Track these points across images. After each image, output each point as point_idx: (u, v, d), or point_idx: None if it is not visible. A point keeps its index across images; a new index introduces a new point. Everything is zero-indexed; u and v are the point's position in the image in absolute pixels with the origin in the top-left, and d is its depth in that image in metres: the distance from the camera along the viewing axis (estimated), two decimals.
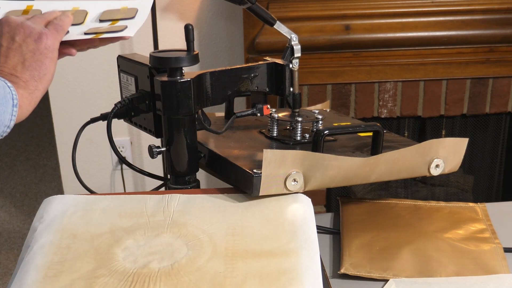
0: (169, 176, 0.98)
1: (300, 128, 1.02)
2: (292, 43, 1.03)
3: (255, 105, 1.03)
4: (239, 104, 1.93)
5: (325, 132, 0.92)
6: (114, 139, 1.00)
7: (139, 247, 0.79)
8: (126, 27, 0.95)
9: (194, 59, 0.93)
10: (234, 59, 2.15)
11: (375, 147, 0.96)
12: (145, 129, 1.03)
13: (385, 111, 1.91)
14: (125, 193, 1.16)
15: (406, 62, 1.86)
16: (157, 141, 1.06)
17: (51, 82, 0.86)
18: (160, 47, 2.03)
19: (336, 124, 1.12)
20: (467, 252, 0.97)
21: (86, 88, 2.15)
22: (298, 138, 1.02)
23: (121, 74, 1.05)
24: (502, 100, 1.92)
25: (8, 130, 0.78)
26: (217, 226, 0.83)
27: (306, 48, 1.24)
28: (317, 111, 1.07)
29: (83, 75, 2.13)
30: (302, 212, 0.85)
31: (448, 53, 1.86)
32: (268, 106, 1.03)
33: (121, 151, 2.22)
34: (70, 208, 0.86)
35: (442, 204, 1.13)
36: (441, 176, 1.88)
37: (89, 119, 1.03)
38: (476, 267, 0.94)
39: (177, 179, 0.96)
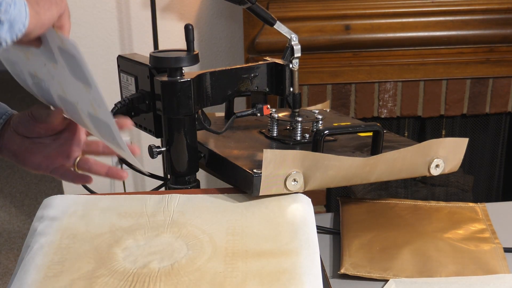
0: (169, 176, 0.98)
1: (300, 128, 1.02)
2: (292, 43, 1.03)
3: (255, 105, 1.03)
4: (239, 104, 1.93)
5: (325, 132, 0.92)
6: None
7: (139, 247, 0.79)
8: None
9: (194, 59, 0.93)
10: (234, 59, 2.15)
11: (375, 147, 0.96)
12: (145, 129, 1.03)
13: (385, 111, 1.91)
14: (125, 193, 1.16)
15: (406, 62, 1.86)
16: (157, 141, 1.06)
17: None
18: (160, 47, 2.03)
19: (336, 124, 1.12)
20: (467, 252, 0.97)
21: None
22: (298, 138, 1.02)
23: (121, 74, 1.05)
24: (502, 100, 1.92)
25: (23, 30, 0.68)
26: (217, 226, 0.83)
27: (306, 48, 1.24)
28: (317, 111, 1.07)
29: None
30: (302, 212, 0.85)
31: (448, 53, 1.86)
32: (268, 106, 1.03)
33: None
34: (70, 208, 0.86)
35: (442, 204, 1.13)
36: (441, 176, 1.88)
37: None
38: (476, 267, 0.94)
39: (177, 179, 0.96)
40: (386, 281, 0.92)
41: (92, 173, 0.93)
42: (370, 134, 0.97)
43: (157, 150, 0.95)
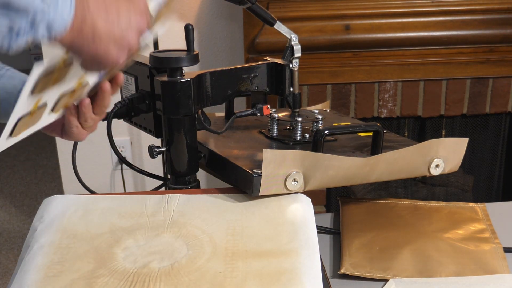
0: (169, 176, 0.98)
1: (300, 128, 1.02)
2: (292, 43, 1.03)
3: (255, 105, 1.03)
4: (239, 104, 1.93)
5: (325, 132, 0.92)
6: (114, 139, 1.00)
7: (139, 247, 0.79)
8: None
9: (194, 59, 0.93)
10: (234, 59, 2.15)
11: (375, 147, 0.96)
12: (145, 129, 1.03)
13: (385, 111, 1.91)
14: (125, 193, 1.16)
15: (406, 62, 1.86)
16: (157, 141, 1.06)
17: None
18: (160, 47, 2.03)
19: (336, 124, 1.12)
20: (467, 252, 0.97)
21: None
22: (298, 138, 1.02)
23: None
24: (502, 100, 1.92)
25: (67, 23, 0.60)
26: (217, 226, 0.83)
27: (306, 48, 1.24)
28: (317, 111, 1.07)
29: None
30: (302, 212, 0.85)
31: (448, 53, 1.86)
32: (268, 106, 1.03)
33: (121, 151, 2.21)
34: (70, 208, 0.86)
35: (442, 204, 1.13)
36: (441, 176, 1.88)
37: None
38: (476, 267, 0.94)
39: (177, 179, 0.96)
40: (386, 281, 0.92)
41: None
42: (370, 134, 0.97)
43: (157, 150, 0.95)
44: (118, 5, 0.65)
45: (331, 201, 2.05)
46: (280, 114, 1.05)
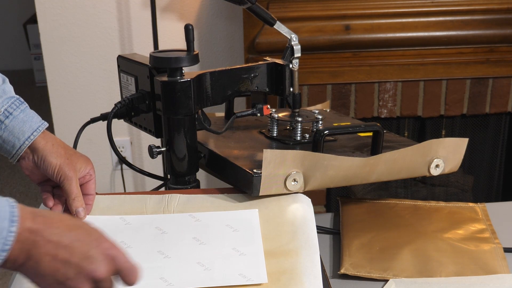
0: (169, 176, 0.98)
1: (300, 128, 1.02)
2: (292, 43, 1.03)
3: (255, 105, 1.03)
4: (239, 104, 1.93)
5: (325, 132, 0.92)
6: (114, 139, 1.00)
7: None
8: None
9: (194, 59, 0.93)
10: (234, 59, 2.15)
11: (375, 147, 0.96)
12: (145, 129, 1.03)
13: (385, 111, 1.91)
14: (125, 193, 1.16)
15: (406, 62, 1.85)
16: (157, 141, 1.06)
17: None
18: (160, 47, 2.03)
19: (336, 124, 1.12)
20: (467, 252, 0.97)
21: (86, 88, 2.15)
22: (298, 138, 1.02)
23: (121, 74, 1.05)
24: (502, 100, 1.92)
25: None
26: None
27: (306, 48, 1.24)
28: (317, 111, 1.08)
29: (83, 75, 2.13)
30: (302, 212, 0.85)
31: (448, 53, 1.86)
32: (268, 106, 1.03)
33: (121, 151, 2.21)
34: None
35: (442, 204, 1.13)
36: (441, 176, 1.88)
37: (89, 119, 1.03)
38: (476, 267, 0.94)
39: (177, 179, 0.97)
40: (386, 281, 0.92)
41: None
42: (370, 134, 0.97)
43: (157, 150, 0.95)
44: (72, 249, 0.61)
45: (331, 201, 2.04)
46: (280, 114, 1.05)
